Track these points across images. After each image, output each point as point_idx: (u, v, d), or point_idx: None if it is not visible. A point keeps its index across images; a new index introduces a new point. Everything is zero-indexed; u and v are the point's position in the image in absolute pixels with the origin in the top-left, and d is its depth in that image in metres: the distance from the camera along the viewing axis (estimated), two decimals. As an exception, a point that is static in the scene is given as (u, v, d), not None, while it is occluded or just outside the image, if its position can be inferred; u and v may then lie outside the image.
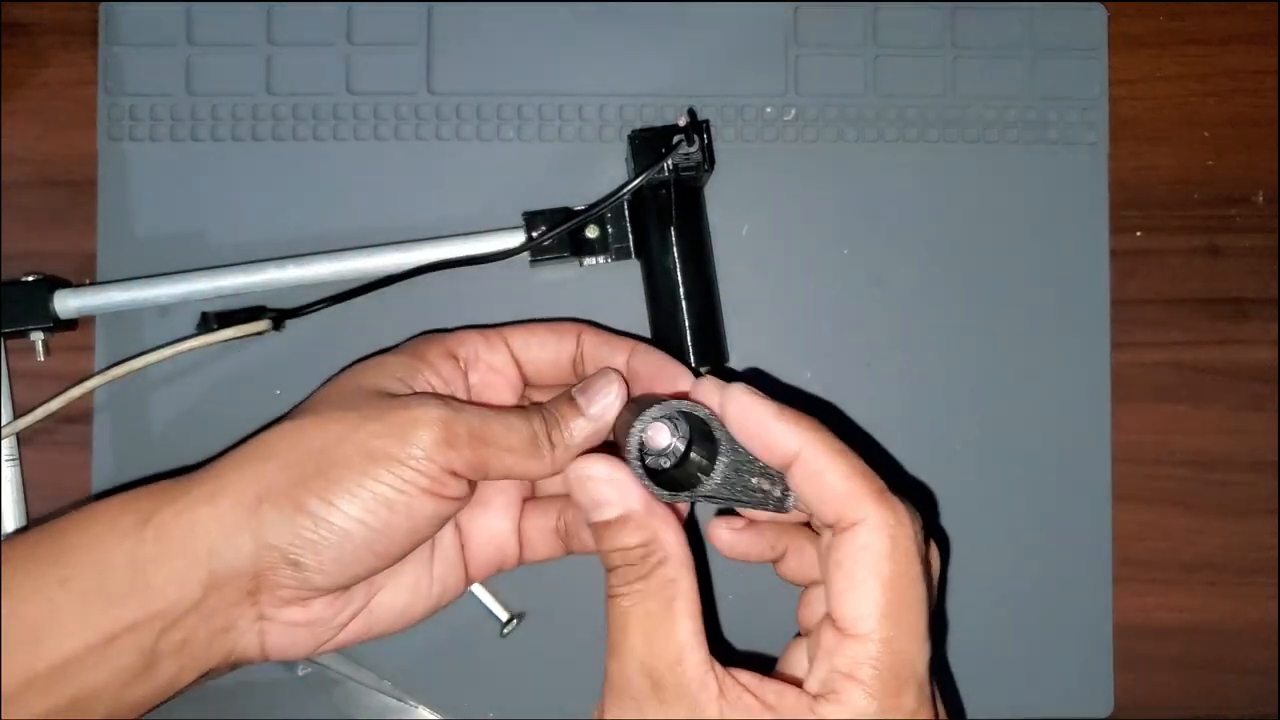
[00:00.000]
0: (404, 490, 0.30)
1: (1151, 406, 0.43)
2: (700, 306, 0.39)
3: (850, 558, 0.27)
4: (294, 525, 0.30)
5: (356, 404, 0.32)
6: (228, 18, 0.42)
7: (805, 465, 0.28)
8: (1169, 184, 0.43)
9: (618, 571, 0.29)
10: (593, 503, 0.30)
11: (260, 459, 0.31)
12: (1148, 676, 0.42)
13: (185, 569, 0.30)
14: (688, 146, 0.37)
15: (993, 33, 0.43)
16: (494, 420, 0.32)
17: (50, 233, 0.42)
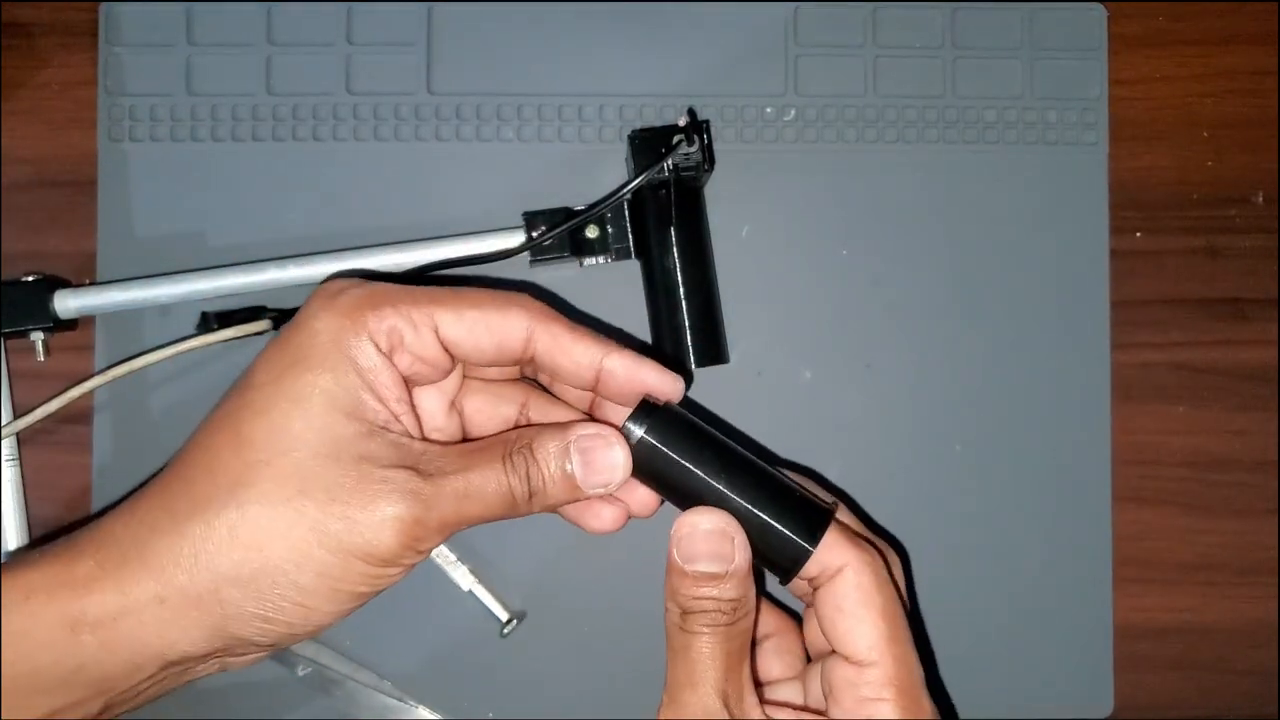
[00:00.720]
0: (375, 588, 0.29)
1: (1151, 407, 0.43)
2: (700, 306, 0.39)
3: (847, 599, 0.30)
4: (257, 616, 0.28)
5: (309, 482, 0.27)
6: (228, 18, 0.42)
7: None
8: (1168, 184, 0.43)
9: (707, 615, 0.30)
10: (701, 555, 0.30)
11: (208, 542, 0.27)
12: (1147, 677, 0.43)
13: (136, 666, 0.28)
14: (687, 146, 0.37)
15: (992, 33, 0.43)
16: (468, 498, 0.29)
17: (50, 233, 0.42)
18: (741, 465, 0.31)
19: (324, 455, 0.28)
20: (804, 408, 0.42)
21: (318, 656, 0.40)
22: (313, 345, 0.29)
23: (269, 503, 0.27)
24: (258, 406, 0.28)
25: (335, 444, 0.28)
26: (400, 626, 0.41)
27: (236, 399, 0.29)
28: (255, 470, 0.28)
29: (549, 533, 0.41)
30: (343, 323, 0.29)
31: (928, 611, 0.42)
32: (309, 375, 0.28)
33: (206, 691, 0.40)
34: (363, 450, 0.28)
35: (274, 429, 0.28)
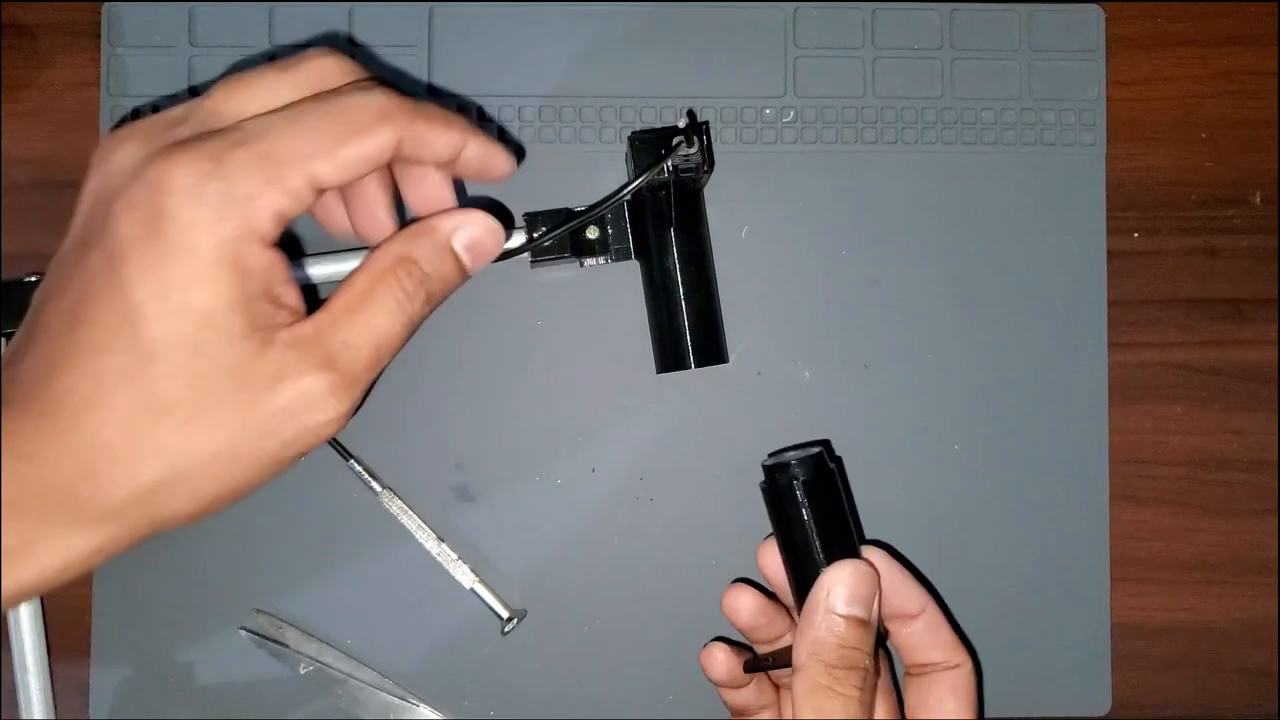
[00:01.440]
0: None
1: (1149, 407, 0.43)
2: (699, 307, 0.39)
3: (962, 687, 0.35)
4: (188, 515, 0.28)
5: (217, 409, 0.27)
6: (230, 19, 0.42)
7: (930, 618, 0.36)
8: (1166, 185, 0.44)
9: (855, 673, 0.32)
10: (857, 596, 0.33)
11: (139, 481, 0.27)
12: (1145, 675, 0.43)
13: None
14: (687, 148, 0.37)
15: (991, 34, 0.43)
16: (380, 351, 0.29)
17: (52, 233, 0.42)
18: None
19: (214, 377, 0.27)
20: (803, 408, 0.42)
21: (319, 655, 0.41)
22: (189, 260, 0.26)
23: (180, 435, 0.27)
24: (145, 334, 0.26)
25: (228, 360, 0.27)
26: (401, 625, 0.41)
27: (108, 319, 0.26)
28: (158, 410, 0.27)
29: (551, 531, 0.41)
30: (220, 238, 0.26)
31: (926, 610, 0.42)
32: (184, 294, 0.26)
33: (207, 691, 0.41)
34: (255, 357, 0.27)
35: (173, 355, 0.26)
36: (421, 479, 0.41)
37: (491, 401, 0.41)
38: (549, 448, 0.42)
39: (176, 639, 0.41)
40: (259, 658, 0.41)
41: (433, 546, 0.41)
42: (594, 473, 0.42)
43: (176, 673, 0.41)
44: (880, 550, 0.35)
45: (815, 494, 0.34)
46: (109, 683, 0.41)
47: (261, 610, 0.41)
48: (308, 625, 0.41)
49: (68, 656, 0.41)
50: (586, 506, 0.42)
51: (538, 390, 0.42)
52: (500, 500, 0.41)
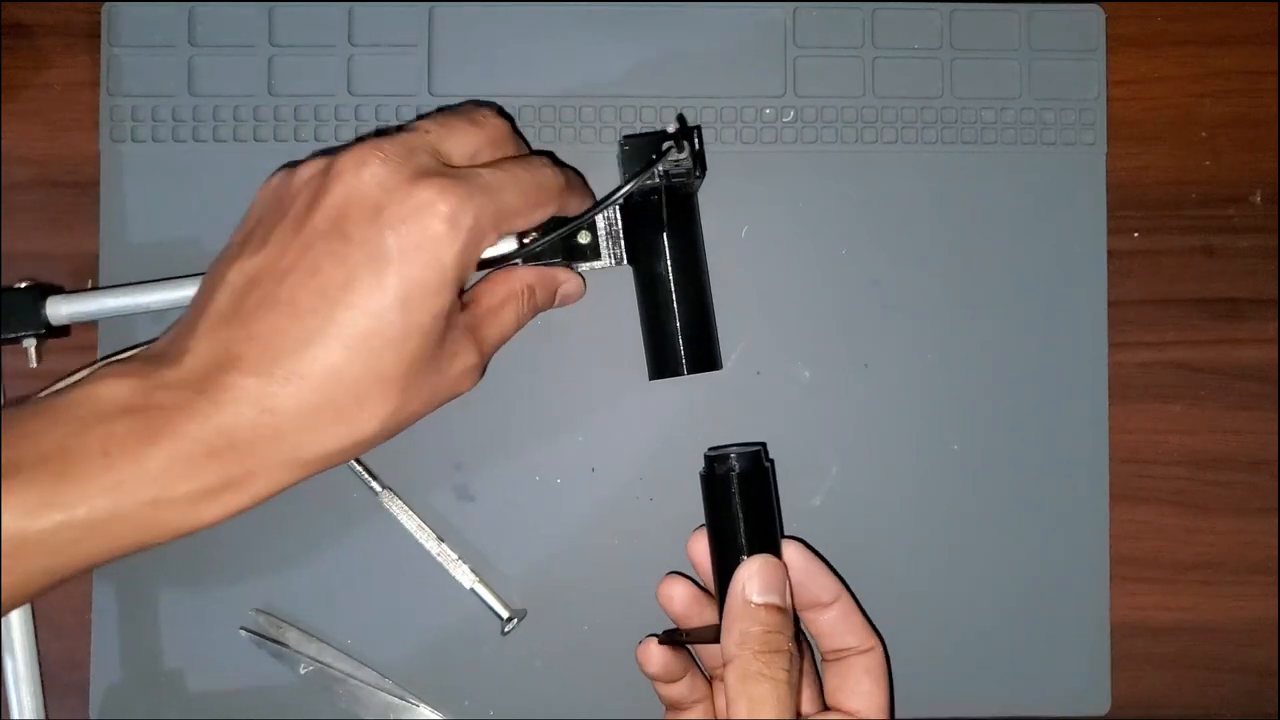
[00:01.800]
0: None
1: (1148, 406, 0.43)
2: (692, 312, 0.39)
3: (875, 669, 0.37)
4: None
5: (411, 382, 0.34)
6: (229, 19, 0.42)
7: (843, 606, 0.37)
8: (1166, 184, 0.44)
9: (781, 656, 0.34)
10: (770, 584, 0.36)
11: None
12: (1145, 675, 0.43)
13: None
14: (677, 153, 0.37)
15: (990, 34, 0.43)
16: (501, 339, 0.38)
17: (52, 234, 0.42)
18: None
19: (426, 358, 0.34)
20: (803, 408, 0.42)
21: (319, 655, 0.41)
22: (439, 271, 0.33)
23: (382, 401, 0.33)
24: (385, 335, 0.32)
25: (436, 344, 0.34)
26: (401, 625, 0.41)
27: (366, 318, 0.32)
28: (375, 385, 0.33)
29: (551, 531, 0.42)
30: (463, 260, 0.33)
31: (926, 610, 0.42)
32: (434, 299, 0.33)
33: (207, 691, 0.41)
34: (449, 341, 0.35)
35: (409, 341, 0.33)
36: (421, 479, 0.41)
37: (491, 401, 0.41)
38: (549, 448, 0.42)
39: (176, 639, 0.41)
40: (259, 658, 0.41)
41: (433, 546, 0.41)
42: (594, 473, 0.42)
43: (176, 673, 0.41)
44: (796, 543, 0.37)
45: (748, 487, 0.37)
46: (109, 683, 0.41)
47: (262, 610, 0.41)
48: (308, 625, 0.41)
49: (67, 657, 0.41)
50: (586, 506, 0.42)
51: (538, 390, 0.42)
52: (500, 500, 0.42)
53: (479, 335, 0.36)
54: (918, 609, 0.42)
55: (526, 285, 0.38)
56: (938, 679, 0.42)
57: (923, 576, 0.42)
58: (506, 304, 0.38)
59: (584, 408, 0.42)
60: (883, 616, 0.41)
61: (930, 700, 0.42)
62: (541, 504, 0.42)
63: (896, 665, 0.41)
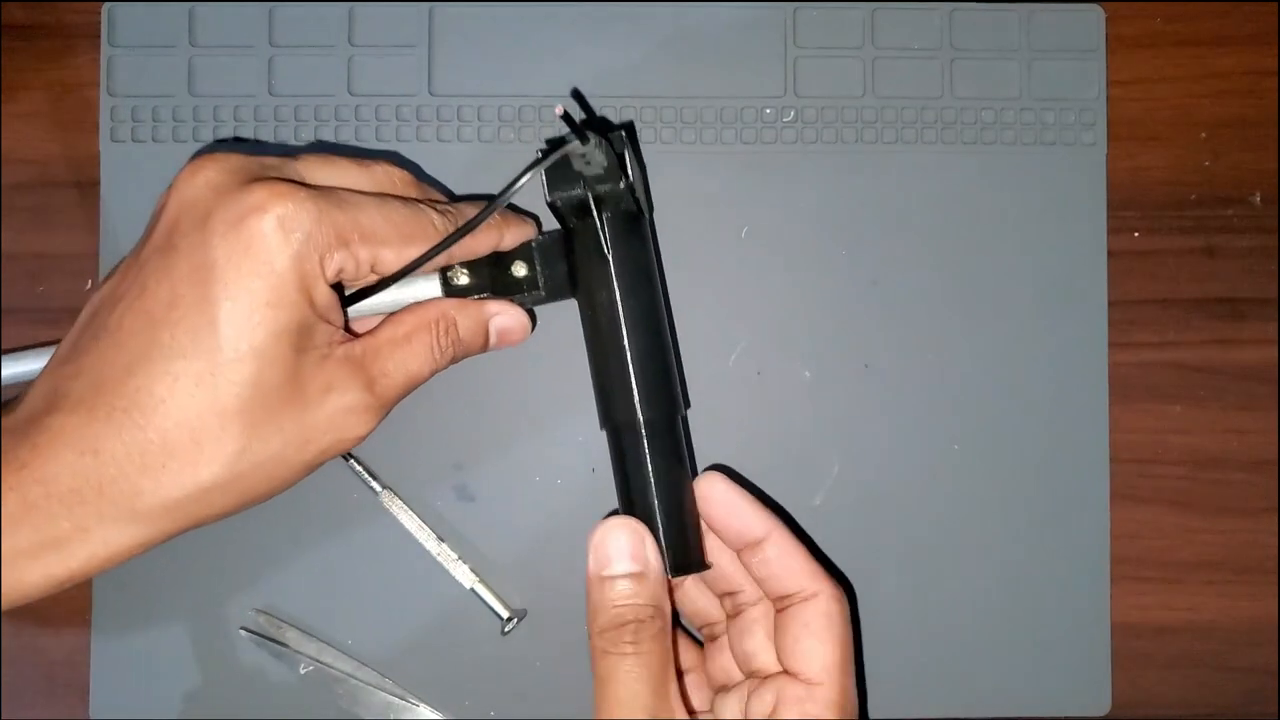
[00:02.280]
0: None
1: (1148, 406, 0.43)
2: (646, 347, 0.35)
3: (817, 622, 0.33)
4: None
5: (272, 417, 0.30)
6: (229, 19, 0.42)
7: (778, 544, 0.34)
8: (1166, 185, 0.44)
9: (627, 628, 0.32)
10: (614, 555, 0.33)
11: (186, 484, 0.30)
12: (1145, 675, 0.43)
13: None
14: (582, 146, 0.31)
15: (990, 34, 0.43)
16: (407, 383, 0.34)
17: (52, 234, 0.42)
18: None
19: (275, 387, 0.30)
20: (803, 408, 0.42)
21: (319, 655, 0.41)
22: (272, 280, 0.29)
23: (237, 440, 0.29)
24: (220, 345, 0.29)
25: (287, 372, 0.30)
26: (401, 625, 0.41)
27: (187, 331, 0.29)
28: (218, 418, 0.29)
29: (551, 531, 0.41)
30: (302, 267, 0.30)
31: (925, 610, 0.42)
32: (269, 311, 0.29)
33: (207, 691, 0.41)
34: (313, 370, 0.31)
35: (246, 364, 0.29)
36: (421, 479, 0.41)
37: (491, 401, 0.41)
38: (549, 448, 0.42)
39: (176, 639, 0.41)
40: (259, 658, 0.41)
41: (433, 546, 0.41)
42: (594, 473, 0.42)
43: (176, 673, 0.41)
44: (718, 474, 0.35)
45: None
46: (109, 683, 0.41)
47: (261, 610, 0.41)
48: (308, 625, 0.41)
49: (68, 657, 0.41)
50: (586, 506, 0.42)
51: (538, 390, 0.42)
52: (500, 500, 0.42)
53: (371, 370, 0.32)
54: (917, 608, 0.42)
55: (443, 315, 0.34)
56: (937, 679, 0.42)
57: (923, 576, 0.42)
58: (414, 336, 0.33)
59: (584, 408, 0.42)
60: (882, 616, 0.41)
61: (930, 700, 0.42)
62: (541, 504, 0.42)
63: (896, 665, 0.41)
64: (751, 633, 0.35)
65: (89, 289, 0.42)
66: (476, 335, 0.35)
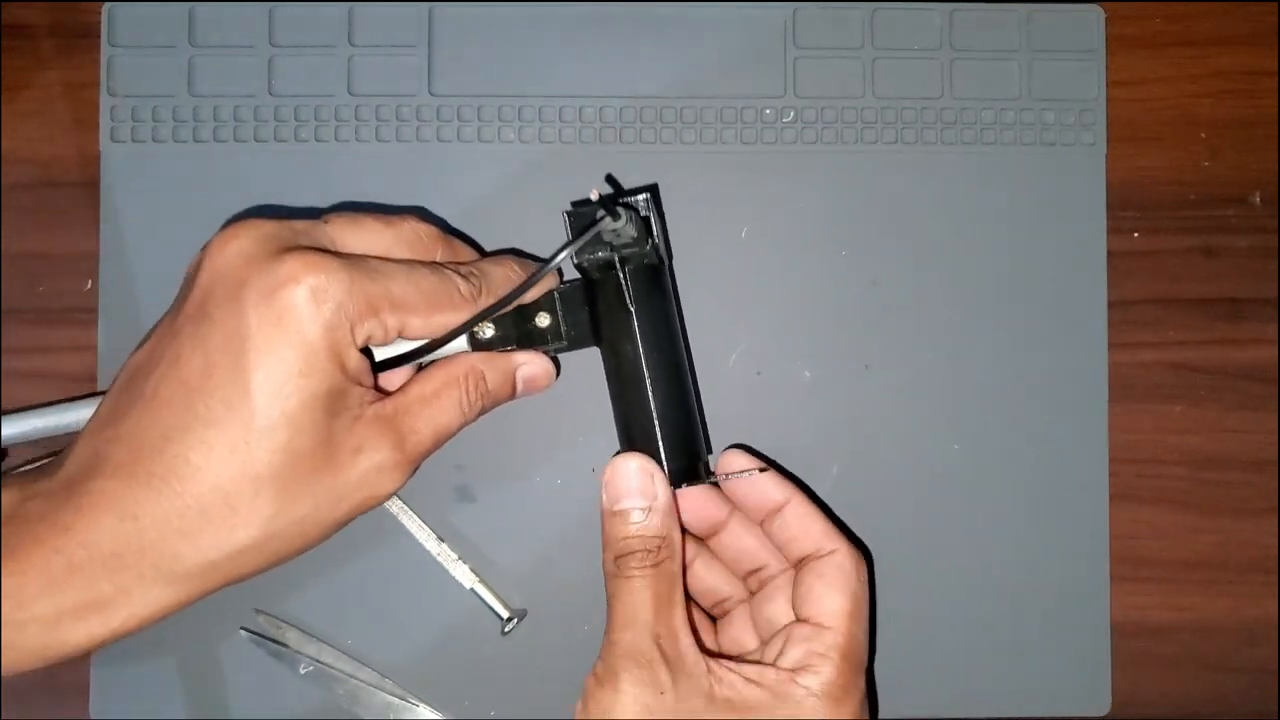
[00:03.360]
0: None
1: (1148, 406, 0.43)
2: (669, 397, 0.36)
3: (830, 573, 0.35)
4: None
5: (303, 486, 0.31)
6: (229, 19, 0.42)
7: (796, 509, 0.36)
8: (1166, 185, 0.44)
9: (635, 556, 0.34)
10: (624, 491, 0.34)
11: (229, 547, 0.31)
12: (1145, 675, 0.43)
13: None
14: (613, 223, 0.32)
15: (990, 35, 0.43)
16: (437, 439, 0.34)
17: (52, 234, 0.42)
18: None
19: (308, 451, 0.31)
20: (804, 408, 0.42)
21: (319, 655, 0.41)
22: (304, 349, 0.30)
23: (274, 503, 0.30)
24: (255, 415, 0.30)
25: (319, 436, 0.31)
26: (401, 625, 0.41)
27: (221, 405, 0.30)
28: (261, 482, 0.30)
29: (551, 531, 0.41)
30: (334, 336, 0.30)
31: (926, 610, 0.42)
32: (301, 380, 0.30)
33: (207, 691, 0.41)
34: (344, 433, 0.31)
35: (279, 431, 0.30)
36: (421, 479, 0.41)
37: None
38: (549, 448, 0.42)
39: (176, 639, 0.41)
40: (259, 658, 0.41)
41: (433, 546, 0.41)
42: (594, 473, 0.42)
43: (176, 673, 0.41)
44: (738, 450, 0.38)
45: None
46: (109, 683, 0.41)
47: (262, 611, 0.41)
48: (308, 625, 0.41)
49: (68, 657, 0.41)
50: (586, 506, 0.42)
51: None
52: (500, 500, 0.42)
53: (401, 428, 0.33)
54: (918, 608, 0.42)
55: (471, 370, 0.35)
56: (938, 679, 0.42)
57: (923, 576, 0.42)
58: (443, 393, 0.34)
59: (584, 408, 0.42)
60: (882, 616, 0.41)
61: (930, 700, 0.42)
62: (541, 504, 0.42)
63: (896, 665, 0.41)
64: (774, 599, 0.37)
65: (89, 289, 0.42)
66: (504, 387, 0.36)
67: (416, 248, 0.34)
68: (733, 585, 0.39)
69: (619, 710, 0.32)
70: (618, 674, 0.33)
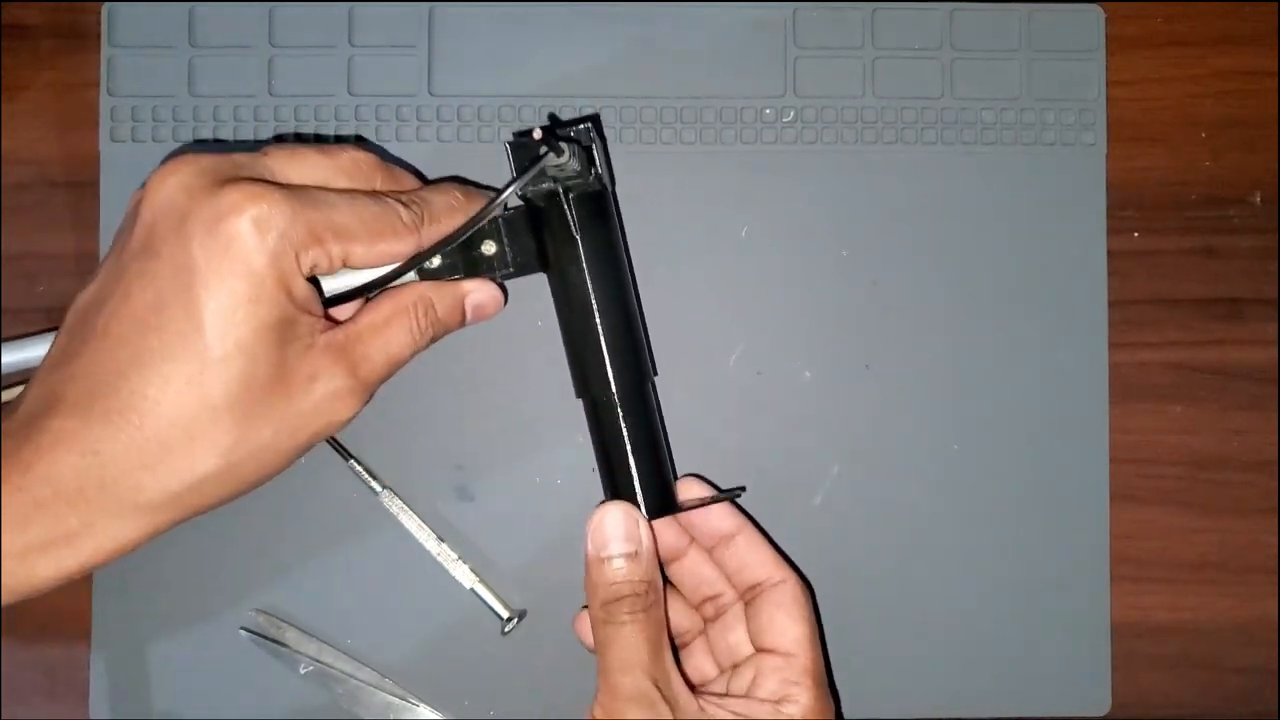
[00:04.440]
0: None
1: (1148, 406, 0.43)
2: (616, 323, 0.36)
3: (787, 602, 0.37)
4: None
5: (256, 408, 0.31)
6: (229, 19, 0.42)
7: (748, 538, 0.38)
8: (1166, 185, 0.44)
9: (625, 601, 0.35)
10: (611, 538, 0.35)
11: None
12: (1145, 675, 0.43)
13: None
14: (557, 158, 0.33)
15: (990, 34, 0.43)
16: (389, 364, 0.35)
17: (52, 234, 0.42)
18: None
19: (262, 379, 0.31)
20: (804, 408, 0.42)
21: (319, 655, 0.41)
22: (251, 279, 0.30)
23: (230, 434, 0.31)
24: (203, 343, 0.30)
25: (273, 364, 0.31)
26: (401, 625, 0.41)
27: (171, 325, 0.30)
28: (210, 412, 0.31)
29: (551, 532, 0.42)
30: (280, 265, 0.31)
31: (926, 610, 0.42)
32: (251, 308, 0.30)
33: (207, 691, 0.41)
34: (297, 361, 0.32)
35: (234, 360, 0.30)
36: (421, 479, 0.41)
37: (491, 402, 0.41)
38: (549, 448, 0.42)
39: (176, 639, 0.41)
40: (259, 657, 0.41)
41: (433, 546, 0.41)
42: (594, 473, 0.42)
43: (176, 673, 0.41)
44: (693, 479, 0.39)
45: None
46: (109, 683, 0.41)
47: (261, 610, 0.41)
48: (308, 625, 0.41)
49: (68, 656, 0.41)
50: (586, 506, 0.41)
51: (537, 391, 0.42)
52: (500, 500, 0.42)
53: (354, 355, 0.33)
54: (918, 609, 0.42)
55: (420, 298, 0.35)
56: (938, 679, 0.42)
57: (923, 576, 0.42)
58: (393, 320, 0.35)
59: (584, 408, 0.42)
60: (882, 616, 0.41)
61: (930, 700, 0.42)
62: (541, 504, 0.42)
63: (896, 665, 0.41)
64: (733, 628, 0.38)
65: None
66: (453, 313, 0.37)
67: (356, 177, 0.34)
68: (691, 619, 0.40)
69: None
70: (622, 713, 0.34)
